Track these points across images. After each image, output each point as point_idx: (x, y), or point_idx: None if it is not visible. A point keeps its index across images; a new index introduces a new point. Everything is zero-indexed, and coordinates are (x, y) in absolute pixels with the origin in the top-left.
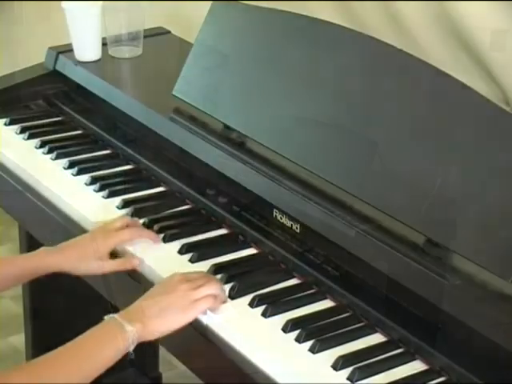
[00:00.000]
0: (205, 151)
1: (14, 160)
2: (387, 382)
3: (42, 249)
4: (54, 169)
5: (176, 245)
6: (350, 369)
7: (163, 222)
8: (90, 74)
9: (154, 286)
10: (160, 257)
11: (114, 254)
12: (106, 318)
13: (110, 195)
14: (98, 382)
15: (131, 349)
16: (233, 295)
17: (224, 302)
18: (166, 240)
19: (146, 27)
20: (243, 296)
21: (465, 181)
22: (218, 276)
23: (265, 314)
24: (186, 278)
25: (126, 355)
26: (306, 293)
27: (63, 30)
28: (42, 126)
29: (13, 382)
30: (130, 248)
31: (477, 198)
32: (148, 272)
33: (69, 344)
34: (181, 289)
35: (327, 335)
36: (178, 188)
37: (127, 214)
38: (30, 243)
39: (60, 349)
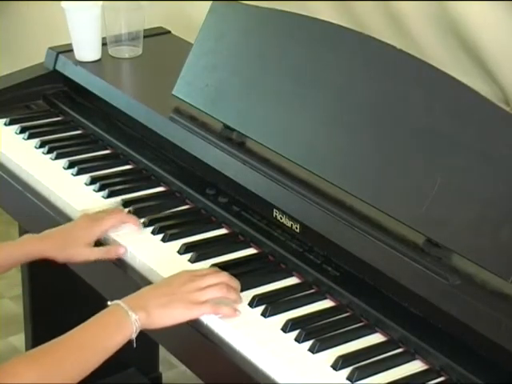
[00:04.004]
0: (205, 151)
1: (13, 160)
2: (387, 381)
3: (26, 236)
4: (53, 169)
5: (176, 245)
6: (349, 369)
7: (163, 221)
8: (89, 74)
9: (161, 279)
10: (160, 257)
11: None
12: (109, 303)
13: (110, 195)
14: (99, 382)
15: (134, 336)
16: None
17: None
18: (165, 240)
19: (146, 27)
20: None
21: (465, 181)
22: None
23: (264, 314)
24: (195, 276)
25: (129, 343)
26: (305, 293)
27: (63, 30)
28: (42, 126)
29: (19, 372)
30: (129, 248)
31: (477, 197)
32: (148, 272)
33: (73, 331)
34: (188, 287)
35: (327, 335)
36: (178, 188)
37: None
38: None
39: (64, 336)
